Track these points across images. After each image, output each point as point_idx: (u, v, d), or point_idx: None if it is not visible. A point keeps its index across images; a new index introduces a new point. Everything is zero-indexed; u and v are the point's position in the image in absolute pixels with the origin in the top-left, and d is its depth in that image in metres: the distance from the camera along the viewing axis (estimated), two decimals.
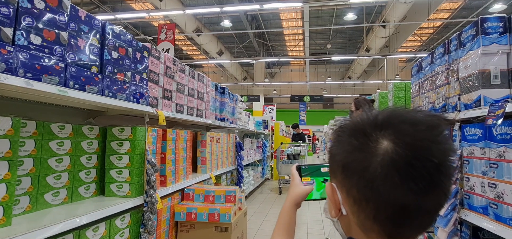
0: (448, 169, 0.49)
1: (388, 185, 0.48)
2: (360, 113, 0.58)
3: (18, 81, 1.22)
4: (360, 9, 12.98)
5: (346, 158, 0.54)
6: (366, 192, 0.50)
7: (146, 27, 15.15)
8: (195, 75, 3.13)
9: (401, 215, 0.49)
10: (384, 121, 0.52)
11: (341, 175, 0.56)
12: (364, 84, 22.49)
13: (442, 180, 0.48)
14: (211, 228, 2.59)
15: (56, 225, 1.41)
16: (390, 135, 0.50)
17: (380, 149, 0.49)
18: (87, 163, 1.94)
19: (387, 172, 0.48)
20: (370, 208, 0.51)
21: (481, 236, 1.82)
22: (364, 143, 0.52)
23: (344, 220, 0.59)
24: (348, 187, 0.55)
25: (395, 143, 0.49)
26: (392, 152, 0.48)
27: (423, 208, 0.48)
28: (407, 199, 0.47)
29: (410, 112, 0.52)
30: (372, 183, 0.49)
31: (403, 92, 3.71)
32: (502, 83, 1.67)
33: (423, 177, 0.47)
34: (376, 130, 0.52)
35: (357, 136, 0.53)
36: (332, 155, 0.59)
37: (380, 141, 0.50)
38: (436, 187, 0.48)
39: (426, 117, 0.51)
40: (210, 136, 3.57)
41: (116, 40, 1.88)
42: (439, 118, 0.51)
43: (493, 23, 1.70)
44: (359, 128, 0.54)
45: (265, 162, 8.33)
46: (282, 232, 0.87)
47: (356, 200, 0.53)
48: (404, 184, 0.47)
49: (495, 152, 1.55)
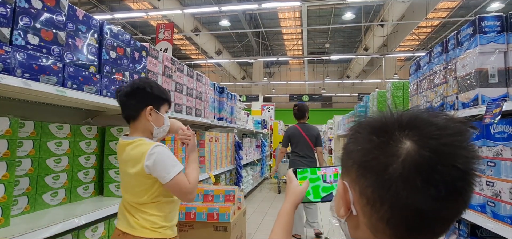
0: (472, 177, 0.46)
1: (408, 188, 0.45)
2: (381, 112, 0.55)
3: (16, 82, 1.21)
4: (358, 8, 13.00)
5: (364, 155, 0.51)
6: (383, 193, 0.48)
7: (144, 27, 15.12)
8: (193, 75, 3.13)
9: (416, 220, 0.47)
10: (409, 121, 0.49)
11: (356, 173, 0.53)
12: (362, 83, 22.53)
13: (465, 189, 0.46)
14: (210, 227, 2.59)
15: (55, 226, 1.40)
16: (414, 136, 0.47)
17: (402, 149, 0.47)
18: (86, 163, 1.93)
19: (408, 174, 0.45)
20: (384, 211, 0.48)
21: (479, 234, 1.83)
22: (386, 141, 0.49)
23: (353, 221, 0.56)
24: (362, 186, 0.52)
25: (420, 145, 0.46)
26: (415, 154, 0.46)
27: (441, 215, 0.47)
28: (425, 204, 0.45)
29: (436, 116, 0.49)
30: (390, 184, 0.46)
31: (401, 91, 3.71)
32: (499, 82, 1.68)
33: (446, 183, 0.44)
34: (399, 130, 0.49)
35: (378, 133, 0.50)
36: (348, 152, 0.56)
37: (403, 141, 0.47)
38: (457, 195, 0.46)
39: (453, 123, 0.48)
40: (209, 136, 3.57)
41: (114, 40, 1.87)
42: (466, 124, 0.49)
43: (491, 22, 1.71)
44: (382, 126, 0.51)
45: (264, 161, 8.34)
46: (281, 233, 0.88)
47: (369, 201, 0.50)
48: (425, 189, 0.44)
49: (492, 150, 1.56)
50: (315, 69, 23.66)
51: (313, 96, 18.24)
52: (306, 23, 12.32)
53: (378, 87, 19.38)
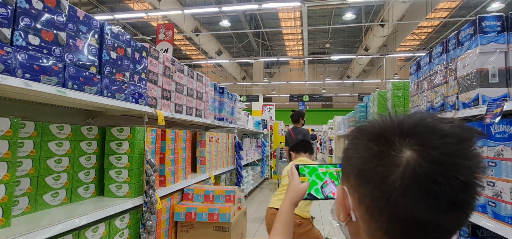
0: (474, 189, 0.45)
1: (407, 200, 0.44)
2: (381, 116, 0.53)
3: (17, 82, 1.21)
4: (358, 8, 12.99)
5: (362, 164, 0.50)
6: (381, 203, 0.47)
7: (145, 27, 15.13)
8: (194, 75, 3.13)
9: (416, 231, 0.46)
10: (410, 128, 0.48)
11: (355, 181, 0.52)
12: (362, 83, 22.52)
13: (466, 200, 0.45)
14: (210, 228, 2.59)
15: (55, 226, 1.40)
16: (414, 145, 0.46)
17: (402, 159, 0.45)
18: (86, 163, 1.93)
19: (407, 185, 0.44)
20: (383, 220, 0.47)
21: (479, 234, 1.82)
22: (385, 151, 0.47)
23: (353, 226, 0.56)
24: (361, 195, 0.51)
25: (420, 154, 0.45)
26: (415, 164, 0.44)
27: (442, 227, 0.45)
28: (425, 216, 0.44)
29: (439, 122, 0.48)
30: (390, 195, 0.45)
31: (401, 91, 3.71)
32: (500, 82, 1.68)
33: (447, 195, 0.43)
34: (400, 138, 0.47)
35: (377, 141, 0.49)
36: (347, 158, 0.55)
37: (403, 150, 0.46)
38: (458, 207, 0.45)
39: (457, 129, 0.46)
40: (209, 136, 3.57)
41: (114, 41, 1.87)
42: (471, 130, 0.47)
43: (491, 22, 1.71)
44: (381, 133, 0.50)
45: (264, 162, 8.33)
46: (282, 230, 0.88)
47: (368, 209, 0.50)
48: (424, 201, 0.43)
49: (493, 150, 1.55)
50: (315, 69, 23.66)
51: (313, 97, 18.22)
52: (307, 23, 12.32)
53: (378, 87, 19.37)
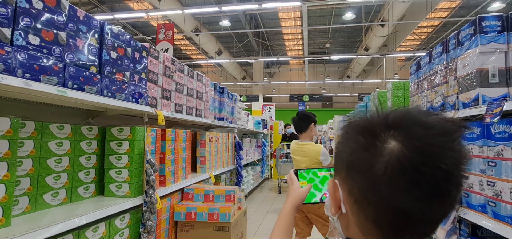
0: (457, 178, 0.46)
1: (392, 189, 0.45)
2: (370, 112, 0.55)
3: (17, 82, 1.22)
4: (358, 8, 12.98)
5: (350, 155, 0.52)
6: (368, 193, 0.48)
7: (145, 27, 15.12)
8: (194, 75, 3.13)
9: (402, 221, 0.47)
10: (395, 120, 0.49)
11: (345, 173, 0.54)
12: (363, 83, 22.51)
13: (450, 190, 0.46)
14: (210, 227, 2.59)
15: (55, 226, 1.41)
16: (399, 136, 0.47)
17: (387, 149, 0.47)
18: (86, 163, 1.94)
19: (391, 174, 0.45)
20: (370, 210, 0.49)
21: (479, 234, 1.82)
22: (371, 142, 0.49)
23: (344, 219, 0.58)
24: (350, 186, 0.53)
25: (404, 144, 0.46)
26: (399, 154, 0.46)
27: (427, 216, 0.46)
28: (410, 205, 0.45)
29: (424, 115, 0.49)
30: (375, 185, 0.47)
31: (402, 91, 3.71)
32: (500, 81, 1.68)
33: (430, 184, 0.44)
34: (385, 130, 0.49)
35: (364, 134, 0.51)
36: (338, 152, 0.57)
37: (388, 141, 0.48)
38: (442, 196, 0.46)
39: (441, 122, 0.47)
40: (209, 136, 3.57)
41: (114, 40, 1.87)
42: (455, 123, 0.48)
43: (491, 22, 1.71)
44: (368, 126, 0.52)
45: (264, 162, 8.34)
46: (281, 234, 0.88)
47: (357, 201, 0.52)
48: (409, 190, 0.45)
49: (493, 150, 1.55)
50: (315, 69, 23.65)
51: (313, 96, 18.20)
52: (307, 23, 12.31)
53: (378, 87, 19.37)
